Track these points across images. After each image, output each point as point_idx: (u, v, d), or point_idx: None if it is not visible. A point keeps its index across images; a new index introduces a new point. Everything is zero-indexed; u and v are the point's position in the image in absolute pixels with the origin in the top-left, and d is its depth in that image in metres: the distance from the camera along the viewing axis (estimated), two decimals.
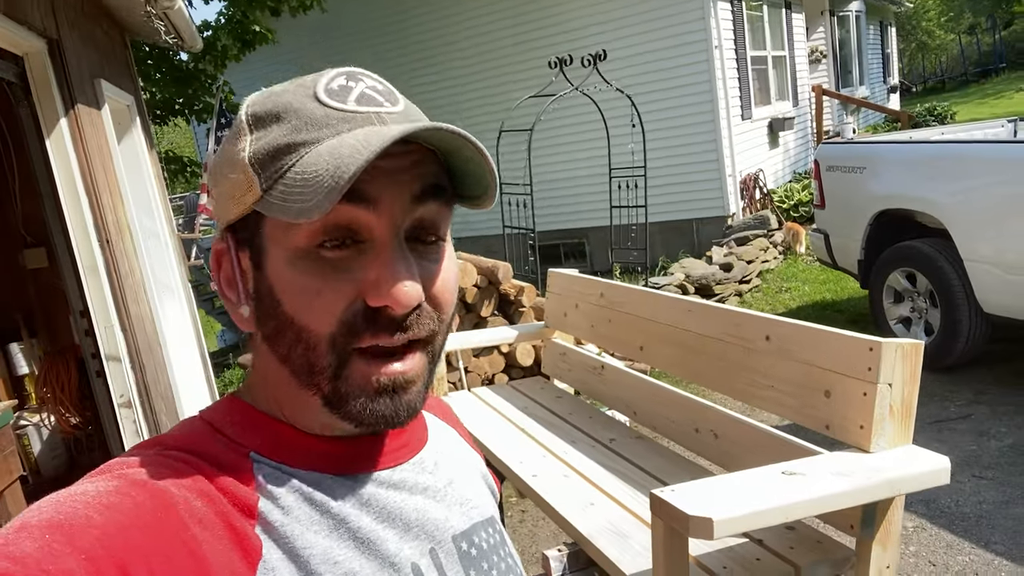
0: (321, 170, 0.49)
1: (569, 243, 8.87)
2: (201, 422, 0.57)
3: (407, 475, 0.60)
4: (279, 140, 0.52)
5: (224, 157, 0.56)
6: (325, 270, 0.52)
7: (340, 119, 0.53)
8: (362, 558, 0.54)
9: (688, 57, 7.75)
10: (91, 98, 3.46)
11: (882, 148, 5.01)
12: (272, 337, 0.55)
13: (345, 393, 0.53)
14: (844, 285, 6.47)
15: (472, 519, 0.64)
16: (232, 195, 0.54)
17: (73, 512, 0.45)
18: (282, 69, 10.51)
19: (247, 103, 0.57)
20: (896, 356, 1.45)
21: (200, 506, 0.49)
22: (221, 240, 0.57)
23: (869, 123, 13.12)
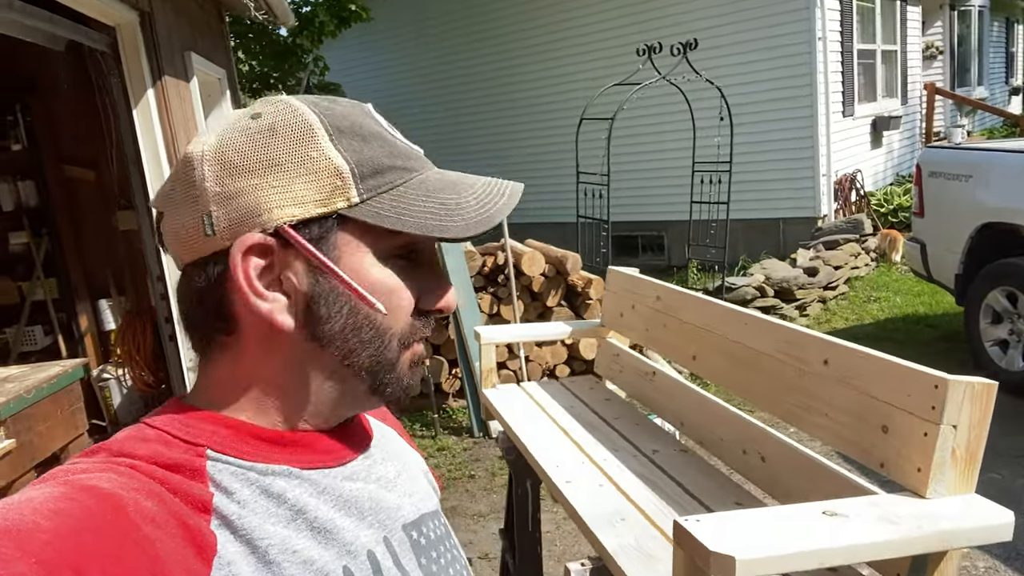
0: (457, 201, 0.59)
1: (647, 235, 8.68)
2: (146, 427, 0.57)
3: (359, 467, 0.63)
4: (381, 160, 0.59)
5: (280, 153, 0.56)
6: (401, 275, 0.60)
7: (415, 156, 0.62)
8: (320, 547, 0.55)
9: (788, 48, 7.39)
10: (179, 70, 3.58)
11: (992, 156, 4.64)
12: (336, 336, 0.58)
13: (398, 376, 0.61)
14: (940, 299, 6.07)
15: (421, 510, 0.68)
16: (312, 195, 0.56)
17: (20, 518, 0.44)
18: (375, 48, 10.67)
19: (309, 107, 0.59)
20: (964, 396, 1.31)
21: (151, 506, 0.49)
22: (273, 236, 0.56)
23: (985, 126, 12.23)
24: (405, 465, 0.71)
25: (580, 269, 4.74)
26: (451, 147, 9.84)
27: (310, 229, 0.56)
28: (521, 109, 9.22)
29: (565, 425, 2.24)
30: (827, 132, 7.48)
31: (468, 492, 3.79)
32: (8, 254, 4.51)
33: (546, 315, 4.75)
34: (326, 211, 0.56)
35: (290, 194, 0.56)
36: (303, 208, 0.56)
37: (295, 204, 0.56)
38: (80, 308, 4.61)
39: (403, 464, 0.70)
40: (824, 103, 7.40)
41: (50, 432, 2.45)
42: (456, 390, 4.73)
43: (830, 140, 7.53)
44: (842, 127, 7.90)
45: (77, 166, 4.51)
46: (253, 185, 0.56)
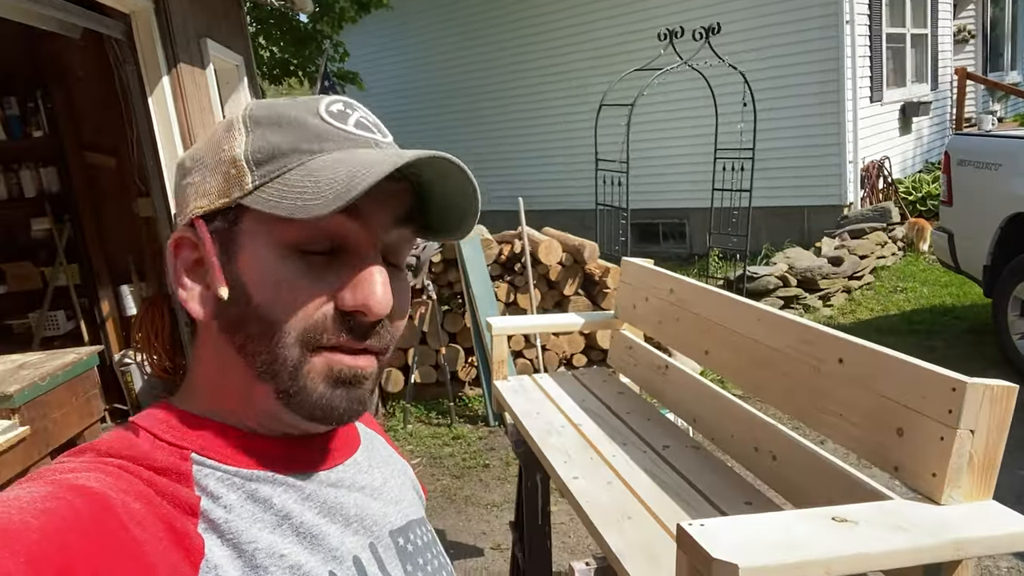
0: (335, 175, 0.53)
1: (669, 223, 8.59)
2: (134, 427, 0.57)
3: (345, 474, 0.63)
4: (281, 144, 0.56)
5: (206, 150, 0.59)
6: (304, 269, 0.55)
7: (342, 136, 0.57)
8: (306, 552, 0.55)
9: (814, 32, 7.23)
10: (195, 57, 3.57)
11: (1022, 144, 4.50)
12: (233, 327, 0.56)
13: (304, 385, 0.56)
14: (968, 290, 5.94)
15: (408, 516, 0.67)
16: (215, 187, 0.57)
17: (8, 517, 0.44)
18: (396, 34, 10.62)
19: (248, 106, 0.60)
20: (983, 400, 1.26)
21: (138, 508, 0.48)
22: (187, 228, 0.59)
23: (1019, 112, 11.91)
24: (392, 472, 0.70)
25: (598, 258, 4.69)
26: (471, 134, 9.80)
27: (217, 221, 0.57)
28: (542, 95, 9.14)
29: (576, 419, 2.21)
30: (854, 118, 7.33)
31: (482, 481, 3.78)
32: (31, 240, 4.57)
33: (563, 304, 4.72)
34: (226, 201, 0.56)
35: (202, 188, 0.58)
36: (208, 199, 0.57)
37: (203, 196, 0.57)
38: (102, 294, 4.66)
39: (390, 471, 0.70)
40: (852, 88, 7.23)
41: (65, 419, 2.47)
42: (472, 378, 4.72)
43: (857, 126, 7.37)
44: (870, 113, 7.73)
45: (98, 153, 4.55)
46: (186, 183, 0.60)
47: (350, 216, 0.54)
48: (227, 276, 0.56)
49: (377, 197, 0.54)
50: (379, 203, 0.56)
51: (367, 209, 0.55)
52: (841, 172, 7.41)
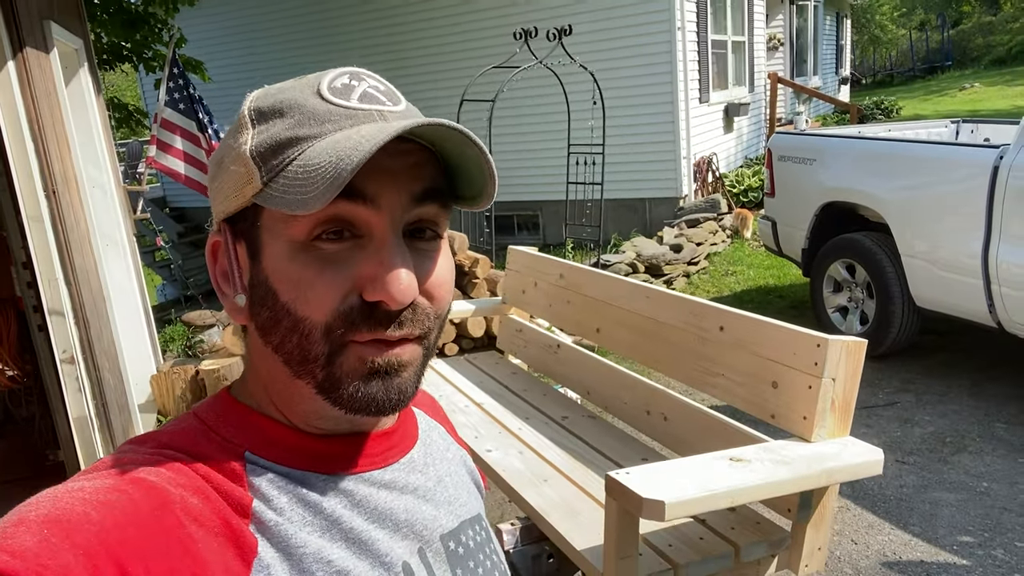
0: (323, 163, 0.50)
1: (523, 215, 8.90)
2: (195, 419, 0.57)
3: (398, 475, 0.62)
4: (281, 134, 0.53)
5: (223, 152, 0.57)
6: (321, 261, 0.53)
7: (343, 115, 0.54)
8: (354, 558, 0.55)
9: (651, 37, 7.79)
10: (39, 41, 3.31)
11: (832, 141, 5.16)
12: (266, 327, 0.55)
13: (339, 377, 0.54)
14: (787, 271, 6.68)
15: (460, 517, 0.66)
16: (232, 188, 0.55)
17: (70, 508, 0.45)
18: (236, 21, 10.13)
19: (250, 98, 0.57)
20: (841, 353, 1.54)
21: (196, 503, 0.49)
22: (218, 232, 0.58)
23: (819, 113, 13.43)
24: (448, 469, 0.68)
25: (467, 249, 4.84)
26: None
27: (240, 222, 0.56)
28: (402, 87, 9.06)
29: (477, 399, 2.35)
30: (687, 117, 7.98)
31: None
32: None
33: None
34: (242, 201, 0.54)
35: (223, 189, 0.56)
36: (227, 202, 0.56)
37: (224, 198, 0.56)
38: None
39: (446, 468, 0.68)
40: (684, 90, 7.87)
41: None
42: None
43: (689, 125, 8.04)
44: (699, 113, 8.44)
45: None
46: (214, 186, 0.59)
47: (355, 200, 0.52)
48: (254, 277, 0.56)
49: (386, 175, 0.52)
50: (391, 182, 0.53)
51: (375, 189, 0.52)
52: (676, 167, 8.05)
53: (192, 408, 0.59)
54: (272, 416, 0.58)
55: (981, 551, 2.71)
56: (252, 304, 0.56)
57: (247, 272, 0.56)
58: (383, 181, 0.52)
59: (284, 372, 0.56)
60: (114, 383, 3.68)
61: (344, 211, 0.52)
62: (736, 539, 1.59)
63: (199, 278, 9.08)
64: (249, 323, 0.58)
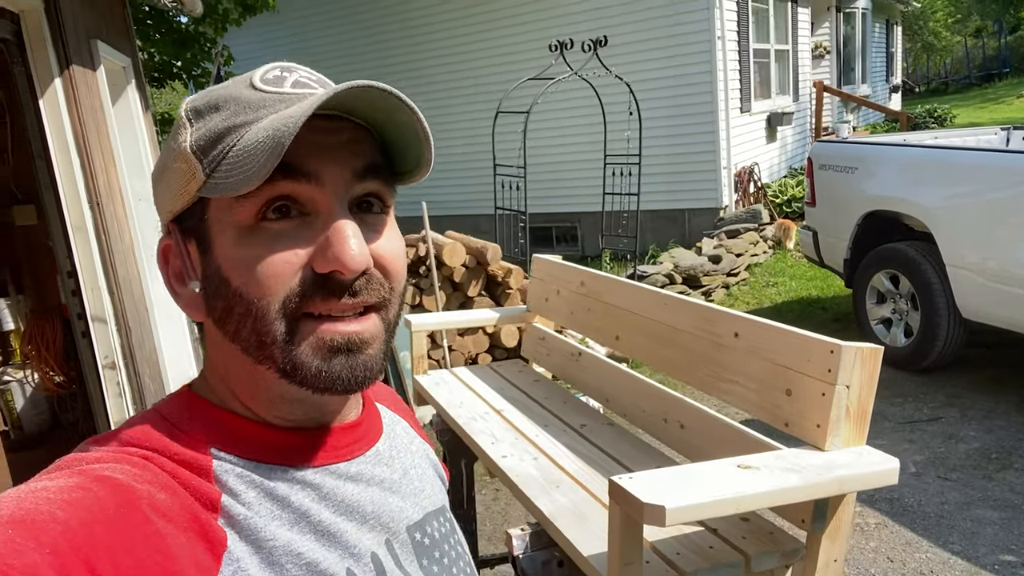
0: (261, 139, 0.51)
1: (561, 227, 8.90)
2: (157, 417, 0.57)
3: (364, 467, 0.62)
4: (219, 126, 0.54)
5: (165, 155, 0.58)
6: (270, 240, 0.53)
7: (276, 99, 0.55)
8: (323, 550, 0.55)
9: (690, 47, 7.74)
10: (86, 59, 3.46)
11: (875, 149, 5.04)
12: (223, 317, 0.56)
13: (299, 359, 0.54)
14: (830, 283, 6.53)
15: (425, 509, 0.67)
16: (176, 186, 0.56)
17: (35, 508, 0.44)
18: (283, 39, 10.41)
19: (186, 101, 0.59)
20: (855, 360, 1.50)
21: (164, 498, 0.49)
22: (167, 235, 0.59)
23: (869, 122, 13.14)
24: (413, 461, 0.69)
25: (500, 259, 4.86)
26: None
27: (188, 220, 0.57)
28: (437, 102, 9.25)
29: (497, 406, 2.35)
30: (727, 127, 7.89)
31: None
32: None
33: (467, 305, 4.85)
34: (188, 197, 0.55)
35: (167, 191, 0.57)
36: (173, 201, 0.57)
37: (170, 199, 0.57)
38: None
39: (411, 460, 0.69)
40: (724, 99, 7.79)
41: None
42: (381, 380, 4.75)
43: (730, 135, 7.95)
44: (740, 122, 8.34)
45: None
46: (157, 191, 0.60)
47: (296, 178, 0.52)
48: (207, 270, 0.56)
49: (326, 152, 0.53)
50: (331, 159, 0.54)
51: (315, 167, 0.53)
52: (717, 177, 7.95)
53: (153, 406, 0.59)
54: (235, 410, 0.58)
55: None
56: (207, 299, 0.57)
57: (199, 268, 0.57)
58: (324, 158, 0.53)
59: (244, 361, 0.56)
60: (154, 388, 3.78)
61: (288, 190, 0.53)
62: (747, 548, 1.56)
63: None
64: (206, 319, 0.58)
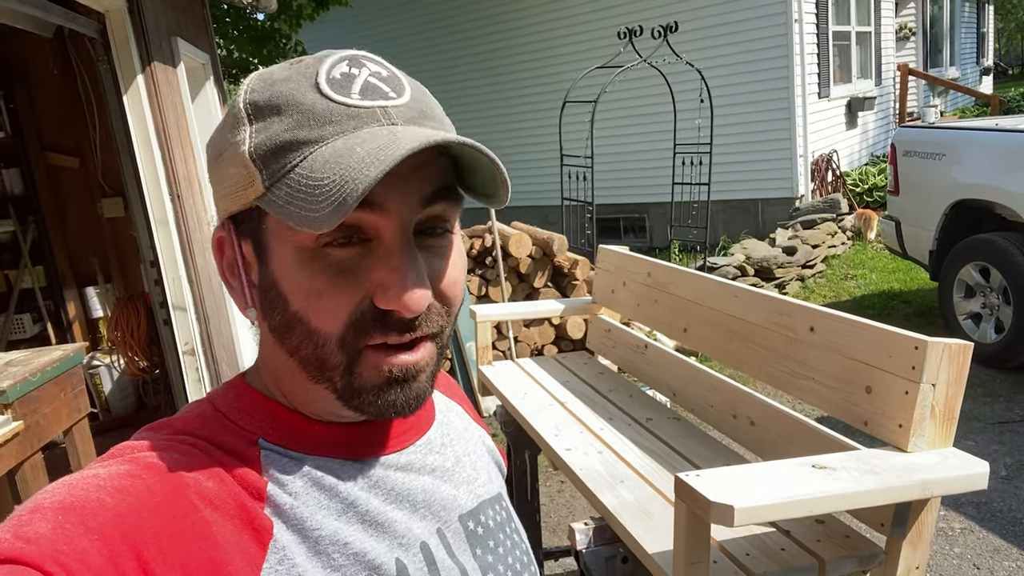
0: (328, 180, 0.48)
1: (629, 217, 8.78)
2: (209, 406, 0.58)
3: (414, 457, 0.61)
4: (281, 136, 0.51)
5: (221, 146, 0.55)
6: (331, 271, 0.52)
7: (344, 115, 0.51)
8: (372, 539, 0.55)
9: (765, 31, 7.49)
10: (167, 56, 3.58)
11: (964, 134, 4.77)
12: (280, 331, 0.55)
13: (358, 387, 0.54)
14: (914, 275, 6.24)
15: (480, 497, 0.66)
16: (232, 188, 0.54)
17: (85, 495, 0.46)
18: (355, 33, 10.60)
19: (246, 89, 0.55)
20: (942, 356, 1.41)
21: (211, 487, 0.50)
22: (222, 228, 0.57)
23: (958, 106, 12.46)
24: (467, 448, 0.68)
25: (567, 250, 4.82)
26: None
27: (246, 222, 0.55)
28: (504, 93, 9.25)
29: (561, 398, 2.33)
30: (804, 114, 7.61)
31: None
32: None
33: (533, 296, 4.83)
34: (245, 203, 0.53)
35: (223, 187, 0.55)
36: (230, 201, 0.55)
37: (225, 197, 0.55)
38: (67, 296, 4.61)
39: (464, 447, 0.68)
40: (800, 85, 7.51)
41: (55, 414, 2.49)
42: (447, 371, 4.79)
43: (807, 121, 7.66)
44: (818, 108, 8.03)
45: (60, 153, 4.50)
46: (213, 178, 0.57)
47: (364, 210, 0.50)
48: (264, 279, 0.55)
49: (394, 179, 0.50)
50: (398, 185, 0.51)
51: (382, 196, 0.51)
52: (792, 166, 7.68)
53: (207, 395, 0.60)
54: (286, 404, 0.58)
55: None
56: (263, 305, 0.55)
57: (255, 271, 0.55)
58: (391, 185, 0.50)
59: (301, 374, 0.55)
60: (231, 374, 3.91)
61: (352, 218, 0.50)
62: (822, 552, 1.49)
63: None
64: (261, 321, 0.57)
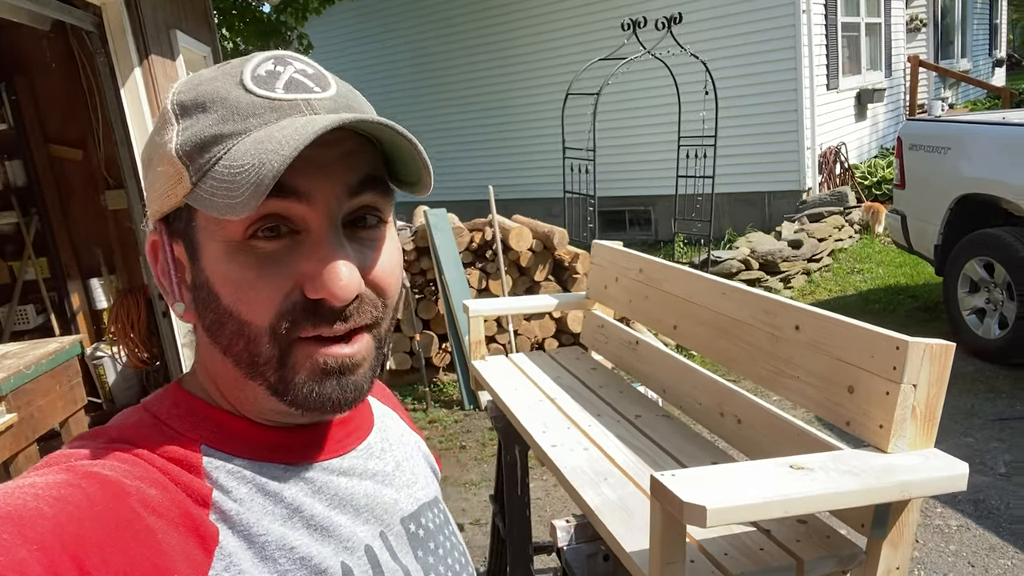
0: (247, 165, 0.48)
1: (634, 210, 8.74)
2: (146, 413, 0.57)
3: (356, 461, 0.62)
4: (206, 131, 0.51)
5: (152, 148, 0.55)
6: (260, 262, 0.52)
7: (267, 107, 0.52)
8: (317, 544, 0.55)
9: (772, 22, 7.41)
10: (165, 48, 3.59)
11: (970, 128, 4.71)
12: (212, 329, 0.55)
13: (291, 380, 0.54)
14: (922, 270, 6.19)
15: (419, 500, 0.67)
16: (162, 187, 0.54)
17: (22, 504, 0.44)
18: (359, 28, 10.57)
19: (173, 91, 0.56)
20: (923, 357, 1.40)
21: (154, 494, 0.49)
22: (155, 231, 0.57)
23: (969, 98, 12.32)
24: (405, 453, 0.69)
25: (567, 244, 4.81)
26: (438, 125, 9.83)
27: (177, 222, 0.54)
28: (508, 85, 9.21)
29: (551, 393, 2.32)
30: (811, 105, 7.53)
31: (459, 463, 3.88)
32: None
33: (534, 289, 4.82)
34: (174, 202, 0.53)
35: (155, 188, 0.55)
36: (159, 202, 0.54)
37: (157, 198, 0.55)
38: (71, 287, 4.64)
39: (403, 452, 0.69)
40: (808, 76, 7.44)
41: (50, 406, 2.51)
42: (446, 364, 4.80)
43: (815, 113, 7.59)
44: (826, 100, 7.95)
45: (64, 145, 4.52)
46: (146, 183, 0.57)
47: (287, 198, 0.50)
48: (196, 277, 0.54)
49: (318, 169, 0.50)
50: (323, 175, 0.51)
51: (306, 185, 0.50)
52: (799, 158, 7.62)
53: (141, 402, 0.59)
54: (225, 409, 0.58)
55: None
56: (197, 305, 0.55)
57: (188, 272, 0.55)
58: (315, 175, 0.50)
59: (235, 373, 0.55)
60: None
61: (277, 208, 0.50)
62: (801, 552, 1.48)
63: None
64: (197, 322, 0.57)
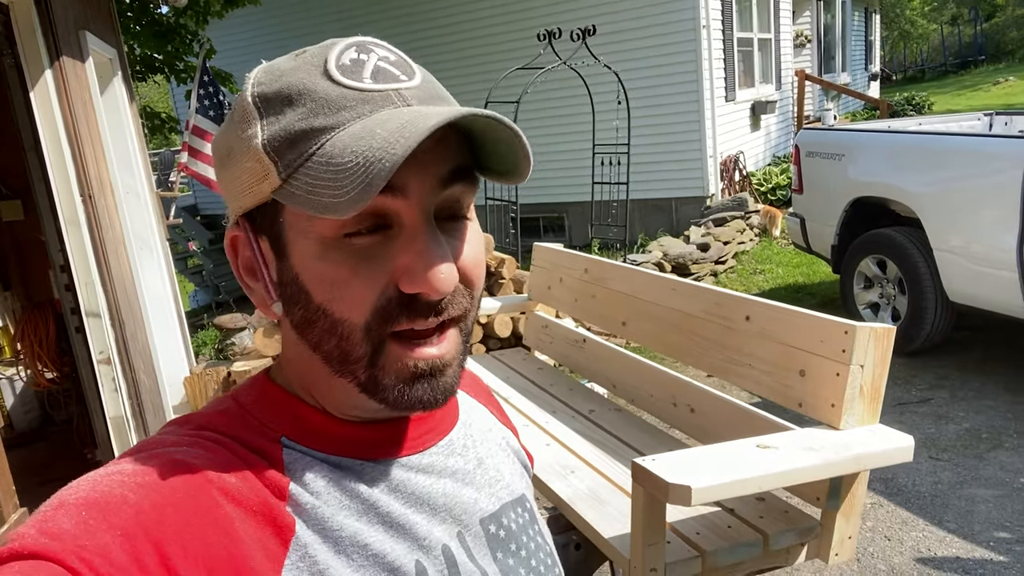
0: (351, 164, 0.47)
1: (549, 217, 8.91)
2: (233, 403, 0.57)
3: (436, 459, 0.61)
4: (296, 125, 0.50)
5: (231, 142, 0.54)
6: (354, 259, 0.51)
7: (358, 99, 0.50)
8: (392, 541, 0.55)
9: (676, 36, 7.76)
10: (76, 50, 3.41)
11: (861, 136, 5.09)
12: (302, 326, 0.54)
13: (383, 381, 0.53)
14: (816, 269, 6.61)
15: (501, 499, 0.65)
16: (246, 184, 0.53)
17: (108, 491, 0.46)
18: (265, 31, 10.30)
19: (252, 83, 0.54)
20: (869, 339, 1.53)
21: (234, 483, 0.50)
22: (236, 227, 0.56)
23: (849, 110, 13.26)
24: (489, 450, 0.67)
25: (492, 249, 4.86)
26: None
27: (261, 218, 0.54)
28: None
29: (504, 394, 2.37)
30: (712, 116, 7.93)
31: None
32: None
33: None
34: (261, 197, 0.52)
35: (237, 183, 0.54)
36: (244, 197, 0.53)
37: (241, 193, 0.53)
38: None
39: (487, 449, 0.67)
40: (709, 88, 7.83)
41: None
42: None
43: (715, 123, 7.99)
44: (725, 111, 8.39)
45: None
46: (223, 177, 0.56)
47: (385, 194, 0.49)
48: (283, 274, 0.54)
49: (412, 161, 0.49)
50: (418, 168, 0.50)
51: (402, 179, 0.50)
52: (703, 166, 8.00)
53: (231, 391, 0.59)
54: (309, 402, 0.58)
55: (1020, 547, 2.66)
56: (284, 302, 0.55)
57: (274, 268, 0.55)
58: (409, 168, 0.49)
59: (323, 369, 0.55)
60: (149, 384, 3.75)
61: (374, 204, 0.49)
62: (765, 527, 1.58)
63: (231, 283, 9.22)
64: (283, 319, 0.56)
